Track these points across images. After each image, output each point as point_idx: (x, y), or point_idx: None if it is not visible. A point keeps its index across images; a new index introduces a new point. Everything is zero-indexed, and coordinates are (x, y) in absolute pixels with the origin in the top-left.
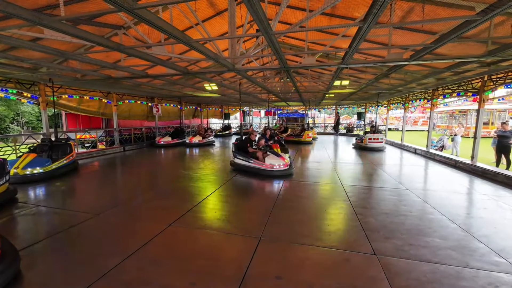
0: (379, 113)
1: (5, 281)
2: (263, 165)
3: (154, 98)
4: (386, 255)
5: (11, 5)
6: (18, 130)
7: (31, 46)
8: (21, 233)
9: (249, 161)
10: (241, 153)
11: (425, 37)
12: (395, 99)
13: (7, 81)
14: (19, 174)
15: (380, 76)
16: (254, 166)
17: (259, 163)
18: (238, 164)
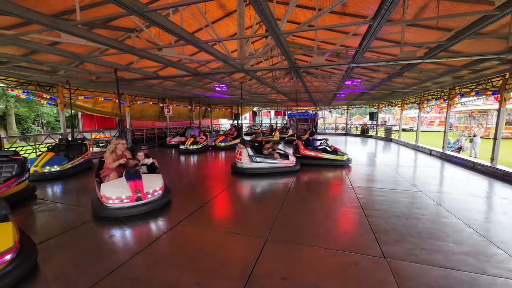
0: (393, 113)
1: (23, 272)
2: (286, 162)
3: (165, 99)
4: (396, 259)
5: (31, 11)
6: (38, 130)
7: (50, 50)
8: (39, 228)
9: (268, 161)
10: (260, 156)
11: (440, 34)
12: (409, 98)
13: (29, 84)
14: (38, 172)
15: (393, 75)
16: (279, 165)
17: (281, 161)
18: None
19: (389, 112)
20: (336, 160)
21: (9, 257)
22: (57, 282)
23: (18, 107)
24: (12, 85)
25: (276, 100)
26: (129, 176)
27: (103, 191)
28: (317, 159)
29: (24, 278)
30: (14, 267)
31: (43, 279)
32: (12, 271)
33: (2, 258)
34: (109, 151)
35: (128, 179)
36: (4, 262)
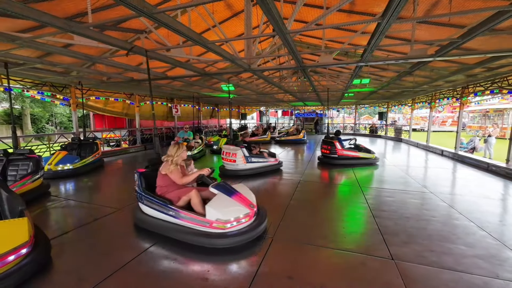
0: (403, 113)
1: (38, 266)
2: (272, 160)
3: (173, 99)
4: (405, 261)
5: (47, 15)
6: (52, 130)
7: (63, 51)
8: (53, 223)
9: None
10: (254, 156)
11: (452, 31)
12: (420, 97)
13: (43, 85)
14: (52, 170)
15: (403, 73)
16: (269, 163)
17: (270, 160)
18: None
19: (399, 112)
20: (369, 159)
21: (25, 251)
22: (70, 276)
23: (33, 107)
24: (28, 86)
25: (283, 99)
26: (222, 188)
27: (214, 215)
28: (354, 159)
29: (38, 271)
30: (30, 261)
31: (56, 273)
32: (27, 264)
33: (18, 252)
34: (173, 163)
35: (229, 193)
36: (20, 256)
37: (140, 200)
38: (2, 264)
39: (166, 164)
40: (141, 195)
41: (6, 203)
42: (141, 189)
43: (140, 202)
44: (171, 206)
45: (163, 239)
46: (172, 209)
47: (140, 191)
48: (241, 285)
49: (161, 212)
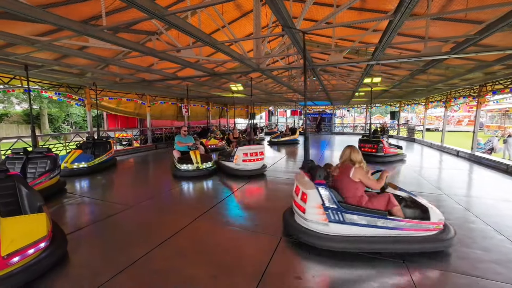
0: (416, 112)
1: (56, 260)
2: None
3: (183, 99)
4: (416, 264)
5: (64, 19)
6: (68, 129)
7: (78, 54)
8: (68, 219)
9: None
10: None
11: (469, 27)
12: (435, 96)
13: (60, 86)
14: (68, 168)
15: (416, 72)
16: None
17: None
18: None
19: (412, 111)
20: (401, 155)
21: (43, 245)
22: (85, 270)
23: (50, 107)
24: (46, 87)
25: (292, 99)
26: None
27: (437, 216)
28: (394, 156)
29: (55, 265)
30: (48, 254)
31: (72, 267)
32: (45, 257)
33: (37, 245)
34: (366, 168)
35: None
36: (39, 249)
37: (334, 217)
38: (23, 257)
39: (359, 170)
40: (339, 210)
41: (26, 199)
42: (337, 203)
43: (333, 222)
44: (391, 216)
45: (173, 237)
46: (392, 220)
47: (338, 206)
48: (248, 284)
49: (372, 226)
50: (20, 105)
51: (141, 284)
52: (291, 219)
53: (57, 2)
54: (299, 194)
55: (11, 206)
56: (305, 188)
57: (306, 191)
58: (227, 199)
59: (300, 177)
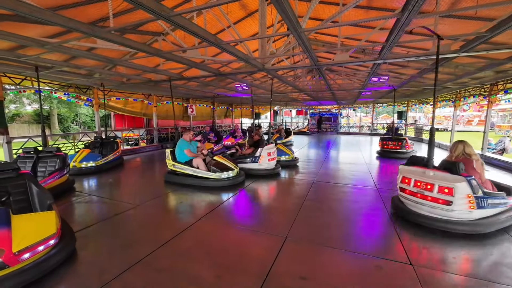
0: (424, 112)
1: (64, 257)
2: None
3: (189, 99)
4: (425, 266)
5: (73, 21)
6: (76, 129)
7: (87, 55)
8: (77, 217)
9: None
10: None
11: (479, 25)
12: (444, 95)
13: (69, 87)
14: (76, 167)
15: (424, 70)
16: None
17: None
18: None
19: (420, 111)
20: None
21: (52, 242)
22: (92, 267)
23: (60, 108)
24: (55, 88)
25: (297, 99)
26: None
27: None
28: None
29: (64, 262)
30: (57, 251)
31: (80, 264)
32: (55, 254)
33: (47, 242)
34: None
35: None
36: (48, 247)
37: (481, 204)
38: (33, 254)
39: (479, 162)
40: (483, 198)
41: (36, 197)
42: (483, 191)
43: (480, 208)
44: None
45: (178, 237)
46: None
47: (483, 193)
48: (253, 283)
49: (495, 206)
50: (31, 105)
51: (146, 282)
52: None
53: (66, 4)
54: (434, 189)
55: (22, 204)
56: (447, 182)
57: (452, 184)
58: (232, 199)
59: (420, 172)
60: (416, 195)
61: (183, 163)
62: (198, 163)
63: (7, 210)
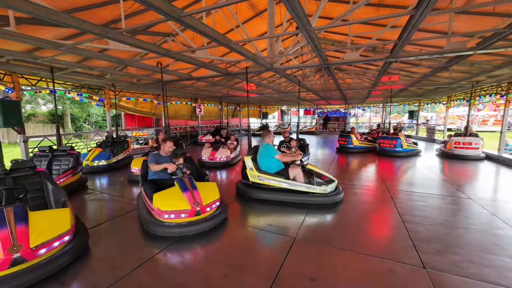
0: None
1: (78, 253)
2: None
3: (197, 99)
4: (438, 270)
5: (87, 23)
6: (89, 129)
7: (99, 56)
8: (90, 215)
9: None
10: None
11: (497, 21)
12: (457, 94)
13: (82, 87)
14: (89, 165)
15: (438, 69)
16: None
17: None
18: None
19: (432, 110)
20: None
21: (67, 238)
22: (105, 263)
23: (72, 108)
24: (69, 89)
25: (305, 98)
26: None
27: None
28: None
29: (78, 257)
30: (71, 247)
31: (93, 260)
32: (69, 250)
33: (62, 238)
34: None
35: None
36: (63, 243)
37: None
38: (49, 249)
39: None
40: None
41: (52, 194)
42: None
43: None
44: None
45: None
46: None
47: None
48: (262, 284)
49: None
50: (46, 105)
51: (157, 279)
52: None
53: (79, 7)
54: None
55: (39, 201)
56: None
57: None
58: (237, 199)
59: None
60: None
61: (273, 174)
62: (296, 173)
63: (25, 207)
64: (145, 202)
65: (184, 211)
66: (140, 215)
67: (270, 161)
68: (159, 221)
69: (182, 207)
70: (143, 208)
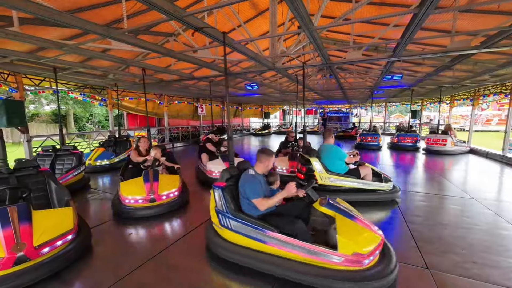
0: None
1: (81, 251)
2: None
3: (199, 99)
4: (442, 271)
5: (90, 23)
6: (91, 129)
7: (102, 56)
8: (92, 214)
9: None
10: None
11: (502, 19)
12: (461, 94)
13: (84, 87)
14: (91, 165)
15: (441, 68)
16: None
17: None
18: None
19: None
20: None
21: (70, 237)
22: (107, 262)
23: (75, 108)
24: (72, 89)
25: (307, 98)
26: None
27: None
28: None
29: (80, 256)
30: (74, 246)
31: (95, 259)
32: (72, 249)
33: (65, 237)
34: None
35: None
36: (66, 242)
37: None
38: (52, 248)
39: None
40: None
41: (55, 194)
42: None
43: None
44: None
45: (189, 234)
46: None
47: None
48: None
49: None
50: (49, 105)
51: (159, 278)
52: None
53: (81, 7)
54: None
55: (42, 200)
56: None
57: None
58: None
59: None
60: None
61: (343, 175)
62: (366, 172)
63: (28, 206)
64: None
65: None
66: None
67: (341, 163)
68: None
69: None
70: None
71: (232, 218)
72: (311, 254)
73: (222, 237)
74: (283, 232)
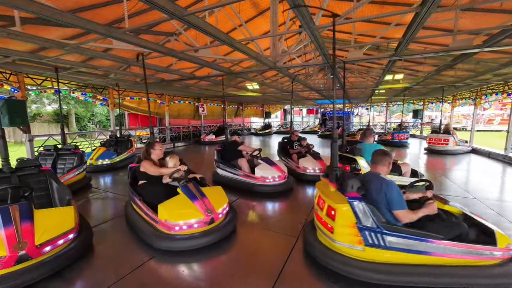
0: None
1: (82, 250)
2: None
3: (200, 99)
4: None
5: (91, 23)
6: (93, 128)
7: (103, 55)
8: (94, 213)
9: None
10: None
11: (505, 18)
12: (463, 93)
13: (86, 87)
14: (93, 164)
15: (443, 67)
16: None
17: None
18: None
19: (437, 109)
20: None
21: (71, 236)
22: (109, 261)
23: (77, 107)
24: (73, 88)
25: (308, 97)
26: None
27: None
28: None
29: (82, 255)
30: (75, 245)
31: (97, 258)
32: (73, 248)
33: (66, 236)
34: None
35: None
36: (68, 241)
37: None
38: (54, 247)
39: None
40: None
41: (56, 193)
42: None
43: None
44: None
45: None
46: None
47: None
48: (265, 283)
49: None
50: (50, 105)
51: (159, 278)
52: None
53: (83, 7)
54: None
55: (43, 199)
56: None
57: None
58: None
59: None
60: None
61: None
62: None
63: (30, 205)
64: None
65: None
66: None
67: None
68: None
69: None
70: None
71: (390, 234)
72: (466, 254)
73: (357, 258)
74: (448, 238)
